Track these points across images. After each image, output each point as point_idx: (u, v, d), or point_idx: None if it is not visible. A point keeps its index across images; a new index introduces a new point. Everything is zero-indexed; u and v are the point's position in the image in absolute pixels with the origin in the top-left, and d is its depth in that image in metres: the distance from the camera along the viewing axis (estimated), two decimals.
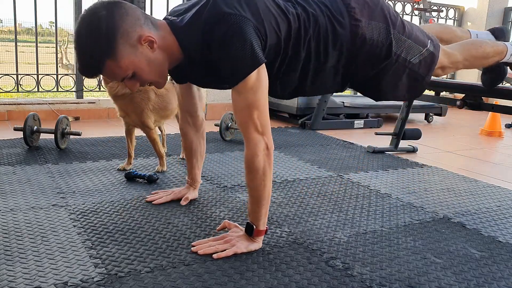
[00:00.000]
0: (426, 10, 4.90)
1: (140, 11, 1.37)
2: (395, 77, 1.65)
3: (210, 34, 1.34)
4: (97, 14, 1.29)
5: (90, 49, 1.31)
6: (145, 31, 1.34)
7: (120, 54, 1.30)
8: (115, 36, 1.28)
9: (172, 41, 1.41)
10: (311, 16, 1.48)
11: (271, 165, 1.43)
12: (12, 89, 3.93)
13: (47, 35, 12.60)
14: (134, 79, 1.39)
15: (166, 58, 1.42)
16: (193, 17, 1.39)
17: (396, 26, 1.59)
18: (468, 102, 2.25)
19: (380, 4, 1.60)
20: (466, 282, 1.36)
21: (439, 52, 1.70)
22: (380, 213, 1.90)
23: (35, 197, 1.89)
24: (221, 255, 1.42)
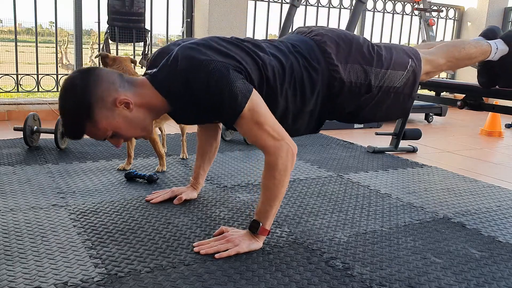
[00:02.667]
0: (426, 10, 4.90)
1: (116, 75, 1.41)
2: (379, 104, 1.68)
3: (193, 83, 1.37)
4: (74, 83, 1.36)
5: (70, 116, 1.38)
6: (120, 94, 1.38)
7: (97, 118, 1.36)
8: (90, 102, 1.34)
9: (153, 95, 1.44)
10: (287, 69, 1.52)
11: (293, 165, 1.45)
12: (12, 89, 3.93)
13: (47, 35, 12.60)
14: (116, 137, 1.44)
15: (147, 113, 1.46)
16: (169, 69, 1.41)
17: (373, 63, 1.62)
18: (468, 102, 2.25)
19: (354, 44, 1.62)
20: (466, 282, 1.36)
21: (421, 66, 1.73)
22: (380, 213, 1.90)
23: (35, 197, 1.89)
24: (223, 254, 1.42)
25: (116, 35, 3.94)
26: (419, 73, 1.71)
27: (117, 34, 3.94)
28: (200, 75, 1.34)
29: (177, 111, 1.52)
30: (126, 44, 4.14)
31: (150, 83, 1.44)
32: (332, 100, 1.62)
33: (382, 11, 5.59)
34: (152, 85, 1.44)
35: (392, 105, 1.70)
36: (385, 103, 1.68)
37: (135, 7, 3.96)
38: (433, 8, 5.05)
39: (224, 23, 4.30)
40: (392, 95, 1.67)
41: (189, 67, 1.36)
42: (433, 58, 1.79)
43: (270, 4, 4.81)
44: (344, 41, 1.61)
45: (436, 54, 1.81)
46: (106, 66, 2.28)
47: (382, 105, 1.68)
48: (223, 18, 4.28)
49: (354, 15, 4.04)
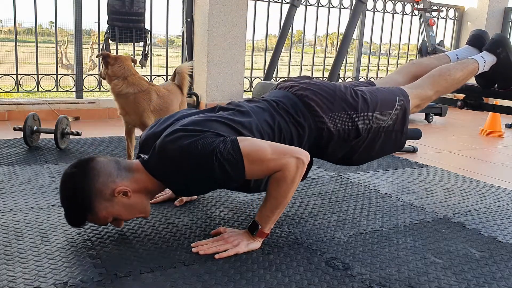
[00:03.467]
0: (426, 10, 4.90)
1: (112, 164, 1.45)
2: (371, 144, 1.71)
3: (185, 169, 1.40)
4: (73, 179, 1.41)
5: (71, 210, 1.43)
6: (118, 184, 1.42)
7: (97, 209, 1.40)
8: (89, 196, 1.38)
9: (149, 180, 1.48)
10: (275, 129, 1.55)
11: (302, 174, 1.45)
12: (12, 89, 3.93)
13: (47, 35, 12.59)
14: (117, 221, 1.49)
15: (144, 196, 1.50)
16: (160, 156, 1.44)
17: (358, 107, 1.65)
18: (468, 102, 2.25)
19: (337, 92, 1.66)
20: (466, 282, 1.36)
21: (409, 102, 1.76)
22: (380, 213, 1.90)
23: (35, 197, 1.89)
24: (222, 255, 1.42)
25: (116, 35, 3.94)
26: (408, 109, 1.74)
27: (117, 34, 3.94)
28: (191, 158, 1.37)
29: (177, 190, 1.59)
30: (126, 44, 4.15)
31: (144, 168, 1.48)
32: (323, 150, 1.67)
33: (382, 11, 5.59)
34: (146, 170, 1.47)
35: (385, 142, 1.73)
36: (377, 142, 1.72)
37: (135, 7, 3.96)
38: (433, 8, 5.05)
39: (224, 23, 4.30)
40: (383, 134, 1.71)
41: (177, 154, 1.39)
42: (420, 91, 1.81)
43: (270, 4, 4.81)
44: (326, 92, 1.65)
45: (423, 87, 1.83)
46: (107, 66, 2.27)
47: (374, 145, 1.72)
48: (223, 18, 4.28)
49: (354, 15, 4.04)
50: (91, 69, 9.35)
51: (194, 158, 1.37)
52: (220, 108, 1.61)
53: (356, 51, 5.66)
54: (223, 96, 4.41)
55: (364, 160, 1.79)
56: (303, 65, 5.43)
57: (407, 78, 1.96)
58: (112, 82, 2.20)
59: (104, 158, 1.46)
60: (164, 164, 1.43)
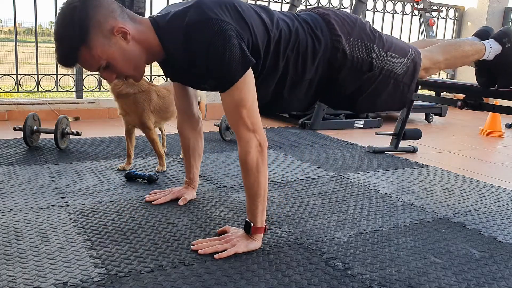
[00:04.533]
0: (426, 10, 4.90)
1: (116, 4, 1.40)
2: (379, 89, 1.68)
3: (194, 38, 1.35)
4: (72, 5, 1.33)
5: (65, 38, 1.35)
6: (119, 22, 1.37)
7: (93, 42, 1.33)
8: (88, 25, 1.32)
9: (151, 37, 1.43)
10: (293, 32, 1.52)
11: (265, 162, 1.44)
12: (12, 89, 3.93)
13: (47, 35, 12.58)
14: (109, 70, 1.42)
15: (142, 51, 1.44)
16: (176, 17, 1.40)
17: (375, 41, 1.64)
18: (468, 102, 2.25)
19: (358, 22, 1.66)
20: (466, 282, 1.36)
21: (420, 58, 1.75)
22: (380, 213, 1.90)
23: (35, 197, 1.89)
24: (222, 255, 1.42)
25: None
26: (419, 64, 1.73)
27: None
28: (204, 33, 1.33)
29: (170, 63, 1.50)
30: None
31: (151, 24, 1.44)
32: (334, 75, 1.62)
33: (382, 11, 5.59)
34: (153, 28, 1.43)
35: (392, 93, 1.71)
36: (385, 90, 1.68)
37: (135, 7, 3.96)
38: (433, 8, 5.06)
39: None
40: (392, 81, 1.68)
41: (196, 22, 1.34)
42: (431, 54, 1.81)
43: (270, 4, 4.81)
44: (348, 17, 1.64)
45: (434, 51, 1.84)
46: None
47: (381, 92, 1.68)
48: None
49: None
50: None
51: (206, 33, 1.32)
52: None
53: None
54: None
55: (368, 107, 1.77)
56: None
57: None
58: (111, 83, 2.20)
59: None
60: (175, 26, 1.38)
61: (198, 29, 1.34)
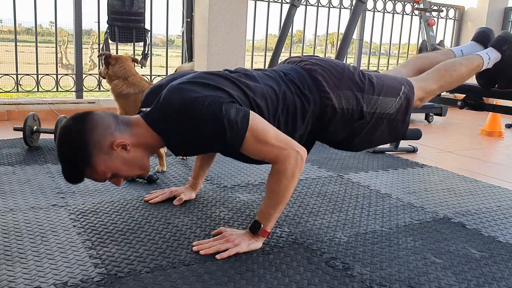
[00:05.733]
0: (426, 10, 4.90)
1: (111, 118, 1.42)
2: (373, 131, 1.70)
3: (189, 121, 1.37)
4: (71, 131, 1.38)
5: (69, 163, 1.40)
6: (117, 137, 1.39)
7: (95, 162, 1.37)
8: (88, 149, 1.35)
9: (149, 135, 1.45)
10: (280, 97, 1.53)
11: (301, 170, 1.44)
12: (12, 89, 3.93)
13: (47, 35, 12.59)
14: (116, 178, 1.46)
15: (144, 153, 1.47)
16: (165, 107, 1.42)
17: (365, 89, 1.64)
18: (468, 102, 2.25)
19: (346, 72, 1.65)
20: (466, 282, 1.36)
21: (413, 92, 1.75)
22: (380, 213, 1.90)
23: (35, 197, 1.89)
24: (223, 255, 1.41)
25: (116, 35, 3.94)
26: (412, 98, 1.74)
27: (117, 34, 3.94)
28: (195, 113, 1.35)
29: (175, 146, 1.54)
30: (126, 44, 4.14)
31: (144, 122, 1.46)
32: (325, 128, 1.65)
33: (382, 11, 5.59)
34: (147, 125, 1.45)
35: (386, 130, 1.72)
36: (379, 129, 1.70)
37: (135, 7, 3.96)
38: (433, 8, 5.05)
39: (224, 23, 4.29)
40: (385, 121, 1.69)
41: (183, 106, 1.36)
42: (425, 84, 1.81)
43: (270, 4, 4.81)
44: (335, 70, 1.64)
45: (428, 80, 1.83)
46: (108, 66, 2.27)
47: (375, 132, 1.71)
48: (223, 18, 4.28)
49: (354, 15, 4.04)
50: (91, 69, 9.36)
51: (199, 112, 1.34)
52: (226, 70, 1.60)
53: (356, 51, 5.66)
54: None
55: (363, 146, 1.77)
56: None
57: (412, 72, 1.97)
58: (112, 83, 2.20)
59: (102, 112, 1.43)
60: (167, 115, 1.40)
61: (188, 113, 1.36)
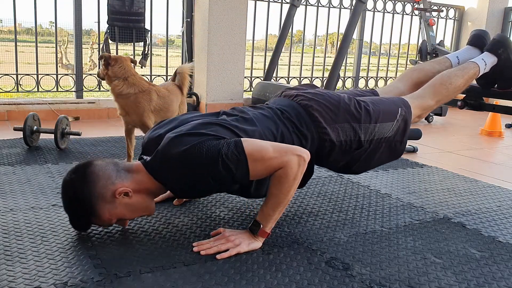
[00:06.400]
0: (426, 10, 4.90)
1: (111, 166, 1.46)
2: (372, 155, 1.74)
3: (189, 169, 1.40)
4: (73, 187, 1.42)
5: (75, 215, 1.47)
6: (118, 185, 1.43)
7: (100, 212, 1.42)
8: (91, 201, 1.40)
9: (150, 182, 1.49)
10: (278, 138, 1.56)
11: (303, 172, 1.46)
12: (12, 89, 3.93)
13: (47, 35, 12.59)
14: (121, 221, 1.52)
15: (146, 197, 1.51)
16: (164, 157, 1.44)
17: (361, 119, 1.67)
18: (469, 102, 2.25)
19: (341, 104, 1.68)
20: (466, 282, 1.36)
21: (410, 113, 1.78)
22: (380, 213, 1.90)
23: (35, 197, 1.89)
24: (224, 255, 1.41)
25: (116, 35, 3.94)
26: (410, 119, 1.77)
27: (117, 34, 3.94)
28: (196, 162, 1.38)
29: (178, 192, 1.58)
30: (126, 44, 4.14)
31: (145, 169, 1.48)
32: (324, 159, 1.69)
33: (382, 11, 5.59)
34: (148, 173, 1.47)
35: (385, 152, 1.76)
36: (378, 152, 1.74)
37: (135, 7, 3.96)
38: (433, 8, 5.06)
39: (224, 23, 4.30)
40: (384, 144, 1.73)
41: (182, 156, 1.39)
42: (422, 101, 1.84)
43: (270, 4, 4.81)
44: (331, 103, 1.66)
45: (425, 97, 1.85)
46: (108, 67, 2.27)
47: (375, 155, 1.75)
48: (223, 18, 4.28)
49: (354, 15, 4.04)
50: (91, 69, 9.36)
51: (198, 161, 1.38)
52: (224, 113, 1.62)
53: (356, 51, 5.66)
54: (223, 96, 4.41)
55: (364, 169, 1.83)
56: (303, 65, 5.42)
57: (409, 86, 1.99)
58: (112, 83, 2.20)
59: (102, 161, 1.47)
60: (168, 168, 1.43)
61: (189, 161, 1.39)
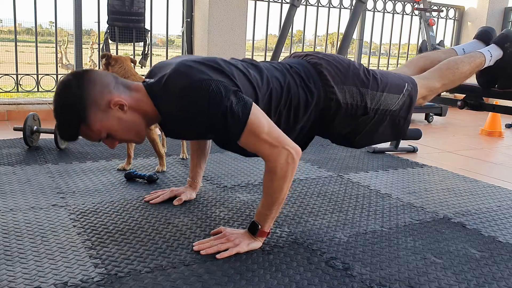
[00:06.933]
0: (426, 10, 4.90)
1: (111, 77, 1.41)
2: (375, 127, 1.70)
3: (191, 103, 1.35)
4: (68, 87, 1.37)
5: (65, 119, 1.39)
6: (115, 95, 1.38)
7: (91, 120, 1.36)
8: (84, 105, 1.34)
9: (147, 104, 1.44)
10: (284, 88, 1.53)
11: (294, 171, 1.43)
12: (12, 89, 3.93)
13: (47, 35, 12.60)
14: (111, 139, 1.44)
15: (140, 118, 1.45)
16: (169, 83, 1.40)
17: (369, 86, 1.65)
18: (468, 102, 2.25)
19: (351, 67, 1.66)
20: (466, 282, 1.36)
21: (417, 90, 1.76)
22: (380, 213, 1.90)
23: (35, 197, 1.89)
24: (224, 255, 1.41)
25: (116, 35, 3.94)
26: (415, 96, 1.74)
27: (117, 34, 3.94)
28: (199, 95, 1.33)
29: (168, 124, 1.52)
30: (126, 44, 4.14)
31: (146, 91, 1.44)
32: (328, 122, 1.64)
33: (382, 11, 5.59)
34: (148, 94, 1.44)
35: (388, 127, 1.73)
36: (381, 126, 1.71)
37: (135, 7, 3.96)
38: (433, 8, 5.05)
39: (224, 23, 4.30)
40: (388, 118, 1.70)
41: (187, 85, 1.35)
42: (428, 82, 1.82)
43: (270, 4, 4.81)
44: (341, 65, 1.64)
45: (431, 78, 1.84)
46: (108, 66, 2.27)
47: (378, 128, 1.71)
48: (223, 18, 4.28)
49: (354, 15, 4.04)
50: None
51: (201, 95, 1.33)
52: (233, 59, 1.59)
53: (356, 51, 5.66)
54: None
55: (365, 143, 1.77)
56: None
57: (415, 72, 1.97)
58: None
59: (102, 71, 1.41)
60: (170, 91, 1.39)
61: (193, 92, 1.35)
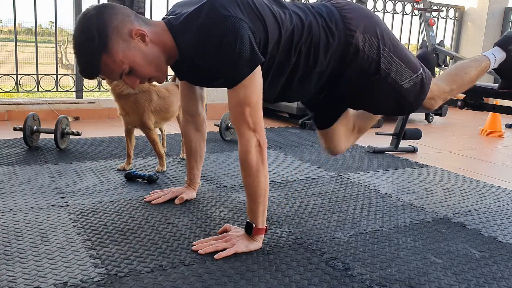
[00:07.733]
0: (426, 10, 4.90)
1: (130, 10, 1.42)
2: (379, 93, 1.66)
3: (207, 36, 1.36)
4: (88, 15, 1.36)
5: (86, 48, 1.37)
6: (135, 25, 1.39)
7: (113, 48, 1.35)
8: (106, 32, 1.34)
9: (167, 38, 1.45)
10: (306, 25, 1.52)
11: (265, 162, 1.44)
12: (12, 89, 3.93)
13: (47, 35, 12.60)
14: (132, 75, 1.43)
15: (161, 52, 1.45)
16: (190, 17, 1.42)
17: (387, 45, 1.63)
18: (469, 102, 2.25)
19: (377, 22, 1.65)
20: (466, 282, 1.36)
21: (430, 80, 1.74)
22: (380, 213, 1.90)
23: (35, 197, 1.89)
24: (221, 254, 1.41)
25: None
26: (428, 86, 1.71)
27: None
28: (217, 30, 1.34)
29: (183, 63, 1.51)
30: None
31: (166, 26, 1.45)
32: (344, 68, 1.60)
33: (382, 11, 5.59)
34: (168, 29, 1.44)
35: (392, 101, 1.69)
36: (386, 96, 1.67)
37: (135, 7, 3.95)
38: (433, 8, 5.05)
39: None
40: (396, 93, 1.66)
41: (209, 20, 1.36)
42: (438, 82, 1.81)
43: None
44: (365, 14, 1.63)
45: (441, 80, 1.83)
46: None
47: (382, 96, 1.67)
48: None
49: None
50: None
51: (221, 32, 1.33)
52: None
53: None
54: (223, 96, 4.40)
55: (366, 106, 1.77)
56: None
57: None
58: (112, 83, 2.20)
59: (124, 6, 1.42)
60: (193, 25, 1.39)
61: (212, 27, 1.36)
